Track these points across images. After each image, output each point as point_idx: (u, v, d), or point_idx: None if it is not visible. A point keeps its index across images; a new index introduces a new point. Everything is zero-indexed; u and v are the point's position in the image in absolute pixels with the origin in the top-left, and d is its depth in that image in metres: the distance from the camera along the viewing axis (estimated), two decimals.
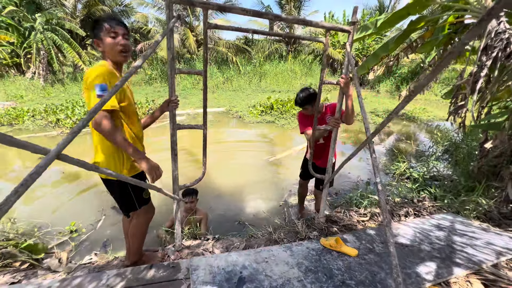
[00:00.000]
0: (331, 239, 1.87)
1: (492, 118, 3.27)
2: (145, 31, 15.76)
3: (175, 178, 1.75)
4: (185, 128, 1.70)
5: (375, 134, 1.15)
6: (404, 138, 7.20)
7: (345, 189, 3.97)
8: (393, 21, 4.19)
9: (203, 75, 1.63)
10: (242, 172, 4.65)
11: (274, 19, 1.57)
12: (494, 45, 3.24)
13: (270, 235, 2.14)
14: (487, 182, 3.24)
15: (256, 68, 16.22)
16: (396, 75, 16.10)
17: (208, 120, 4.88)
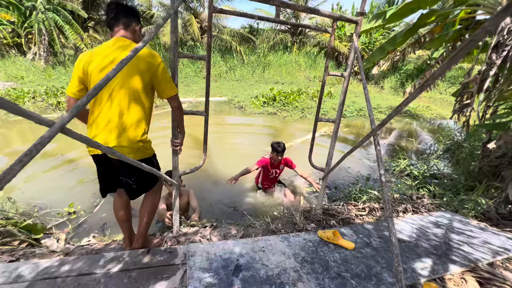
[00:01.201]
0: (329, 231, 1.88)
1: (497, 118, 3.22)
2: (148, 15, 15.43)
3: (175, 164, 1.77)
4: (186, 114, 1.70)
5: (381, 126, 1.12)
6: (406, 135, 7.15)
7: (344, 184, 3.97)
8: (403, 14, 4.07)
9: (206, 60, 1.63)
10: (242, 162, 4.63)
11: (280, 5, 1.54)
12: (506, 43, 3.15)
13: (268, 225, 2.15)
14: (487, 182, 3.22)
15: (260, 58, 15.98)
16: (401, 71, 15.86)
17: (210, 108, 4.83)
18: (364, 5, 1.69)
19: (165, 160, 2.00)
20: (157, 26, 1.14)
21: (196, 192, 3.46)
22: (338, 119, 2.08)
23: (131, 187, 1.57)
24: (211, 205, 3.12)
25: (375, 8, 16.49)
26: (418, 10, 4.02)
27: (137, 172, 1.51)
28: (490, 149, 3.72)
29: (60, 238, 1.88)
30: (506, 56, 3.07)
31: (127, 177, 1.54)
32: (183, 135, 1.74)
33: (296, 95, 9.39)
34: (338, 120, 2.09)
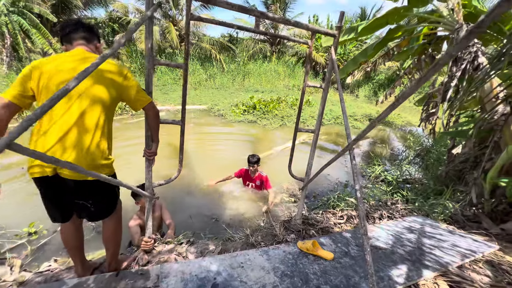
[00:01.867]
0: (308, 242, 1.86)
1: (459, 126, 3.47)
2: (124, 21, 15.02)
3: (149, 175, 1.70)
4: (162, 123, 1.63)
5: (356, 141, 1.15)
6: (380, 142, 7.50)
7: (323, 191, 4.03)
8: (373, 28, 4.33)
9: (183, 69, 1.60)
10: (222, 171, 4.55)
11: (260, 16, 1.53)
12: (463, 57, 3.44)
13: (247, 238, 2.09)
14: (453, 186, 3.44)
15: (240, 66, 16.11)
16: (374, 81, 16.78)
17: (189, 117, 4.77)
18: (341, 20, 1.76)
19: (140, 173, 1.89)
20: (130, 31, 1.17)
21: (173, 204, 3.33)
22: (318, 129, 2.08)
23: (89, 210, 1.38)
24: (191, 217, 3.00)
25: (348, 22, 17.45)
26: (386, 25, 4.29)
27: (96, 194, 1.36)
28: (454, 155, 3.99)
29: (15, 264, 1.68)
30: (464, 69, 3.34)
31: (85, 199, 1.35)
32: (157, 144, 1.67)
33: (275, 103, 9.52)
34: (318, 131, 2.09)
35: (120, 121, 7.44)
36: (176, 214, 3.07)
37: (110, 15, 15.38)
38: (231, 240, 2.17)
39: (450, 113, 3.63)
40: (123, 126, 7.06)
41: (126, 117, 7.89)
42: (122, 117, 7.87)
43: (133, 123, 7.38)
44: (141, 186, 2.16)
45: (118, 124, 7.20)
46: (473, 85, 2.56)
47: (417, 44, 4.58)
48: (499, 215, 2.59)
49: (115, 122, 4.13)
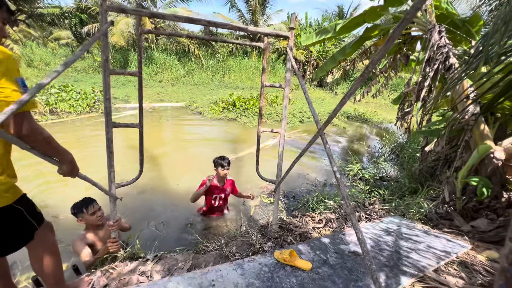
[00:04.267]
0: (285, 252, 1.76)
1: (432, 125, 3.56)
2: (93, 12, 14.02)
3: (111, 176, 1.67)
4: (120, 126, 1.65)
5: (326, 125, 1.13)
6: (358, 139, 7.65)
7: (302, 191, 3.98)
8: (351, 27, 4.31)
9: (138, 76, 1.67)
10: (199, 173, 4.35)
11: (207, 25, 1.60)
12: (436, 57, 3.51)
13: (221, 249, 1.95)
14: (427, 183, 3.53)
15: (220, 63, 15.76)
16: (352, 79, 17.22)
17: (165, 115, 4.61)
18: (293, 23, 1.83)
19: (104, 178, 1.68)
20: (86, 46, 1.19)
21: (141, 211, 3.09)
22: (283, 129, 2.04)
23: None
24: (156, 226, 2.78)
25: (326, 20, 17.68)
26: (363, 24, 4.29)
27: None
28: (427, 153, 4.11)
29: None
30: (437, 69, 3.41)
31: None
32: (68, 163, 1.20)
33: (255, 100, 9.38)
34: (283, 131, 2.04)
35: (89, 120, 6.91)
36: (142, 222, 2.85)
37: (78, 5, 14.27)
38: (204, 252, 2.01)
39: (424, 112, 3.71)
40: (92, 126, 6.56)
41: (95, 115, 7.35)
42: (91, 115, 7.32)
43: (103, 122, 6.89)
44: (87, 201, 1.95)
45: (87, 123, 6.68)
46: (447, 86, 2.59)
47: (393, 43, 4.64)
48: (469, 213, 2.67)
49: (82, 121, 3.83)
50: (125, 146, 5.21)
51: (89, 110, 7.51)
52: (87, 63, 14.08)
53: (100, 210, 2.00)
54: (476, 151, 2.41)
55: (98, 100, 8.12)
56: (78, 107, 7.26)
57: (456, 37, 3.96)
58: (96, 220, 1.95)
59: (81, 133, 5.82)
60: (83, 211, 1.90)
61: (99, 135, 5.70)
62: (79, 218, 1.93)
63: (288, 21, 17.26)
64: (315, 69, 17.24)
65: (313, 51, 16.76)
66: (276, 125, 7.99)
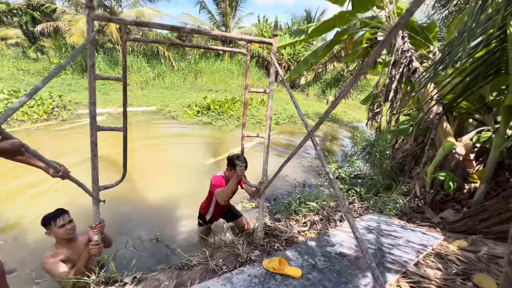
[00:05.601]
0: (274, 260, 1.72)
1: (401, 124, 3.80)
2: (48, 9, 12.79)
3: (95, 178, 1.67)
4: (104, 130, 1.66)
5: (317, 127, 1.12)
6: (330, 138, 7.95)
7: (283, 193, 3.99)
8: (322, 30, 4.44)
9: (122, 81, 1.67)
10: (174, 180, 4.16)
11: (190, 32, 1.61)
12: (400, 61, 3.76)
13: (207, 262, 1.85)
14: (398, 179, 3.75)
15: (192, 65, 15.35)
16: (322, 81, 17.90)
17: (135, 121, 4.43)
18: (276, 29, 1.84)
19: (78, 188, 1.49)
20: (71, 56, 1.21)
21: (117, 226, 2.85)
22: (268, 134, 2.00)
23: None
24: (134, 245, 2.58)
25: (295, 24, 18.20)
26: (334, 28, 4.45)
27: None
28: (396, 150, 4.38)
29: None
30: (402, 72, 3.65)
31: None
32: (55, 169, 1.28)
33: (230, 103, 9.29)
34: (268, 135, 2.00)
35: (47, 128, 6.26)
36: (119, 238, 2.63)
37: (29, 1, 12.92)
38: (187, 267, 1.89)
39: (392, 112, 3.95)
40: (51, 135, 5.94)
41: (54, 123, 6.68)
42: (49, 123, 6.63)
43: (64, 130, 6.28)
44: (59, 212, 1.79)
45: (45, 132, 6.04)
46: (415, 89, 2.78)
47: (361, 47, 4.89)
48: (437, 205, 2.89)
49: (39, 131, 3.46)
50: None
51: (46, 118, 6.80)
52: (42, 65, 12.80)
53: (71, 223, 1.81)
54: (441, 148, 2.61)
55: (57, 106, 7.39)
56: (33, 115, 6.54)
57: (416, 42, 4.29)
58: (65, 234, 1.76)
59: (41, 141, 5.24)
60: (51, 223, 1.73)
61: (63, 145, 5.19)
62: (48, 231, 1.76)
63: (259, 24, 17.44)
64: (286, 71, 17.63)
65: (284, 54, 17.12)
66: (253, 128, 7.97)
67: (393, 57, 3.82)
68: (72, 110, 7.67)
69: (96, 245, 1.73)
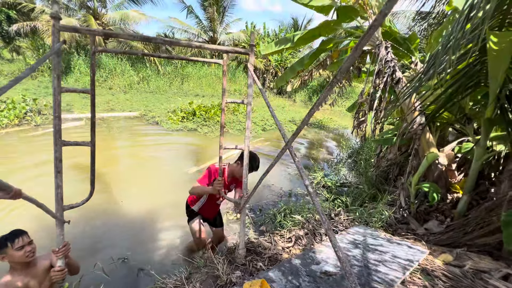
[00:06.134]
0: (256, 283, 1.60)
1: (385, 134, 3.81)
2: (25, 8, 12.21)
3: (58, 197, 1.53)
4: (71, 145, 1.56)
5: (294, 138, 1.09)
6: (317, 145, 7.96)
7: (268, 204, 3.88)
8: (307, 39, 4.44)
9: (90, 94, 1.61)
10: (154, 190, 3.94)
11: (163, 43, 1.56)
12: (384, 70, 3.79)
13: (182, 285, 1.70)
14: (382, 187, 3.74)
15: (178, 69, 15.11)
16: (308, 87, 18.16)
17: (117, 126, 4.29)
18: (253, 39, 1.80)
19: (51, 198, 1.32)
20: (36, 64, 1.14)
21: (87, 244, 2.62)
22: (247, 145, 1.94)
23: None
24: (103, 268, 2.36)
25: (282, 31, 18.45)
26: (319, 37, 4.46)
27: None
28: (380, 159, 4.40)
29: None
30: (386, 81, 3.68)
31: None
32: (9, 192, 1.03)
33: (217, 109, 9.14)
34: (247, 147, 1.94)
35: (18, 134, 5.84)
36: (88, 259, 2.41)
37: None
38: None
39: (376, 121, 3.96)
40: (23, 141, 5.54)
41: (27, 129, 6.26)
42: (21, 129, 6.21)
43: (38, 136, 5.89)
44: (16, 233, 1.58)
45: (16, 138, 5.63)
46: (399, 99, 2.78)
47: (346, 56, 4.94)
48: (422, 215, 2.88)
49: (8, 136, 3.19)
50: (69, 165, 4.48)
51: (17, 123, 6.37)
52: (17, 66, 12.15)
53: (30, 245, 1.61)
54: (425, 159, 2.61)
55: (31, 111, 6.96)
56: (2, 119, 6.09)
57: (398, 53, 4.37)
58: (24, 257, 1.56)
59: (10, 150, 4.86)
60: (7, 245, 1.53)
61: (35, 152, 4.83)
62: (2, 255, 1.54)
63: (247, 30, 17.50)
64: (274, 77, 17.75)
65: (272, 60, 17.25)
66: (239, 134, 7.86)
67: (377, 66, 3.85)
68: (47, 115, 7.24)
69: (59, 271, 1.56)
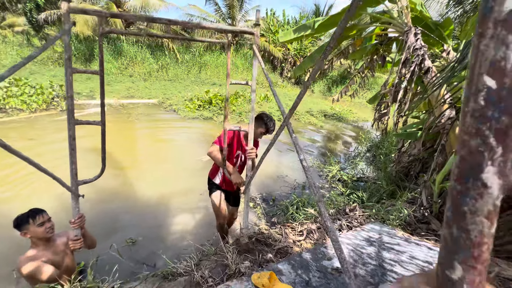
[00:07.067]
0: (264, 276, 1.58)
1: (409, 127, 3.59)
2: None
3: (73, 172, 1.63)
4: (82, 123, 1.62)
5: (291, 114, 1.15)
6: (334, 137, 7.73)
7: (281, 195, 3.84)
8: (329, 25, 4.20)
9: (99, 75, 1.63)
10: (168, 176, 4.03)
11: (168, 23, 1.56)
12: (412, 59, 3.52)
13: (192, 273, 1.72)
14: (403, 183, 3.55)
15: (196, 57, 15.13)
16: (327, 77, 17.53)
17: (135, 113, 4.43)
18: (258, 18, 1.78)
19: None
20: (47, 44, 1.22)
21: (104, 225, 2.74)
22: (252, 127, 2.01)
23: None
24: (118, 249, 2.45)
25: (303, 18, 17.76)
26: None
27: None
28: (402, 154, 4.17)
29: None
30: (413, 71, 3.42)
31: None
32: None
33: (233, 98, 9.10)
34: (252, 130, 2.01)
35: (46, 118, 6.17)
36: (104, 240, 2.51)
37: None
38: (172, 276, 1.76)
39: (400, 114, 3.73)
40: (50, 124, 5.86)
41: (53, 113, 6.60)
42: (48, 113, 6.55)
43: (63, 120, 6.19)
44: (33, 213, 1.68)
45: (43, 121, 5.95)
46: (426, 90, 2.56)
47: (370, 44, 4.64)
48: None
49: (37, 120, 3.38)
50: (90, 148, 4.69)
51: (45, 108, 6.72)
52: (46, 54, 12.73)
53: (49, 222, 1.74)
54: (453, 155, 2.41)
55: (57, 96, 7.31)
56: (32, 104, 6.45)
57: (429, 40, 4.03)
58: (45, 232, 1.68)
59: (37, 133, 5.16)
60: (29, 222, 1.64)
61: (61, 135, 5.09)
62: (24, 231, 1.65)
63: (266, 17, 17.06)
64: (292, 66, 17.29)
65: (291, 49, 16.76)
66: None
67: (404, 55, 3.58)
68: None
69: (76, 240, 1.70)
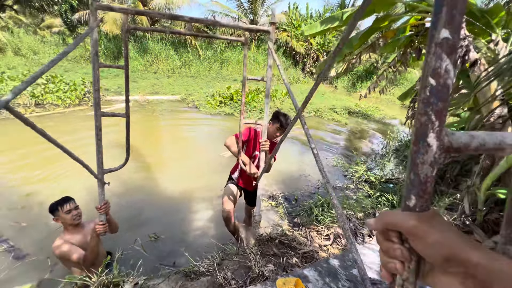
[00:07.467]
0: (290, 282, 1.49)
1: (448, 126, 3.27)
2: None
3: (99, 161, 1.72)
4: (108, 115, 1.73)
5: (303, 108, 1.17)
6: (359, 136, 7.38)
7: (304, 195, 3.71)
8: None
9: (124, 70, 1.70)
10: (191, 171, 4.06)
11: (189, 20, 1.62)
12: None
13: (214, 274, 1.68)
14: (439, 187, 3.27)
15: (218, 54, 15.23)
16: (352, 73, 16.81)
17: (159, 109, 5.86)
18: (274, 17, 1.82)
19: None
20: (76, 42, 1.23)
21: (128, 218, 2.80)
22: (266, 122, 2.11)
23: None
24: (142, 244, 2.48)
25: (328, 11, 17.11)
26: (373, 14, 3.93)
27: None
28: None
29: None
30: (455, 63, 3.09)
31: None
32: None
33: (254, 94, 9.02)
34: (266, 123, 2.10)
35: (79, 113, 6.53)
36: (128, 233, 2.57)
37: None
38: (194, 275, 1.74)
39: None
40: (83, 118, 6.19)
41: (85, 108, 6.97)
42: (81, 108, 6.93)
43: None
44: (62, 198, 1.89)
45: (76, 116, 6.30)
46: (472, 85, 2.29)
47: (404, 35, 4.30)
48: (490, 226, 2.42)
49: (71, 114, 3.54)
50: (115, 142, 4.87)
51: (78, 103, 7.12)
52: (79, 52, 13.50)
53: (76, 210, 1.91)
54: (505, 160, 2.13)
55: (89, 92, 7.70)
56: (66, 99, 6.86)
57: (474, 29, 3.63)
58: (72, 219, 1.86)
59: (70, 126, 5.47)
60: (58, 209, 1.84)
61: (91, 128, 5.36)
62: (55, 217, 1.87)
63: (289, 11, 16.68)
64: (315, 61, 16.79)
65: (314, 44, 16.27)
66: None
67: None
68: (101, 96, 7.95)
69: (102, 225, 1.80)
